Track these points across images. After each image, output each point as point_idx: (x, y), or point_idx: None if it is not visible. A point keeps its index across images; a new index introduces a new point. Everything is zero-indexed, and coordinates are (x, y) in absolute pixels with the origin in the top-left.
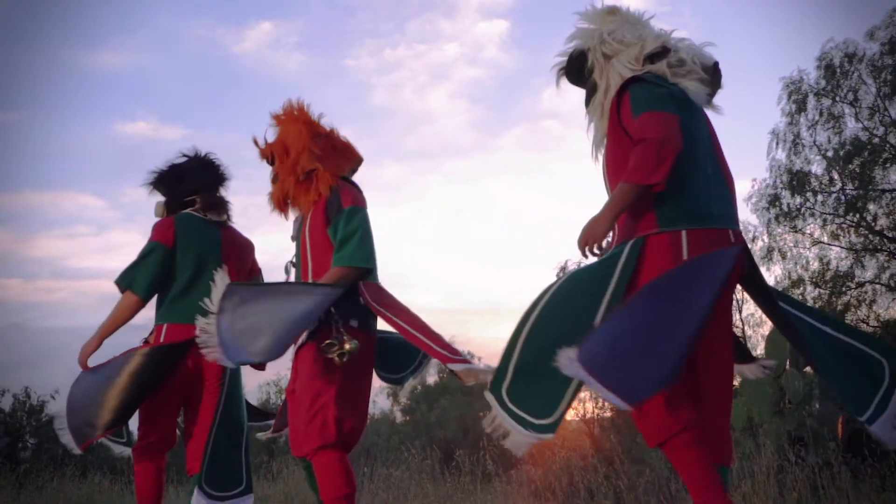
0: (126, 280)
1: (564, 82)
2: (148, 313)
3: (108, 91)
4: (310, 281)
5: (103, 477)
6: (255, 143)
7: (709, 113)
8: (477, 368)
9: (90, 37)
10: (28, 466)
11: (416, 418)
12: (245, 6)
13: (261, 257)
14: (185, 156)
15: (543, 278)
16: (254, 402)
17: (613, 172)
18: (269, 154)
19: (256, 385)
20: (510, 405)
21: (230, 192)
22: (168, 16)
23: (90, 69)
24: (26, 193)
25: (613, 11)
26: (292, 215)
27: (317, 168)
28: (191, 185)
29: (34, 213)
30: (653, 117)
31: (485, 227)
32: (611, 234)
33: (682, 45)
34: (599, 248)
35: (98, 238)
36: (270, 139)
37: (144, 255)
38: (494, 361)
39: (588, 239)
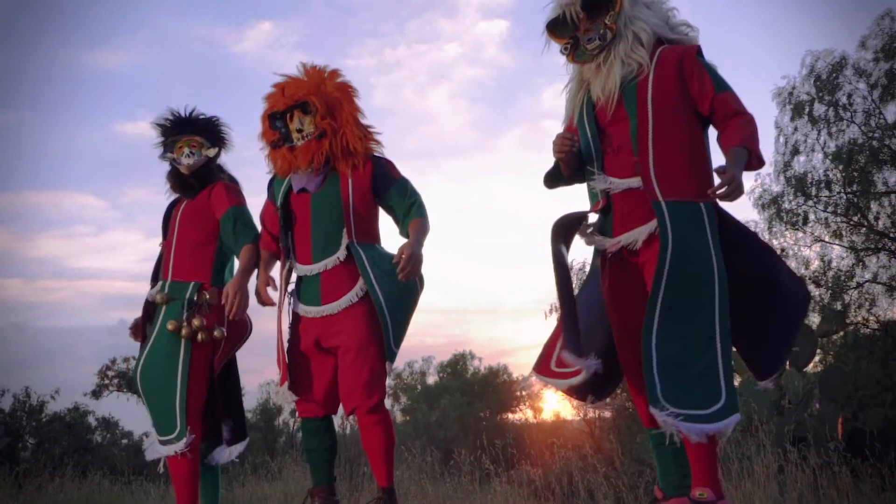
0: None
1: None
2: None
3: (108, 91)
4: (353, 238)
5: (103, 477)
6: (291, 82)
7: None
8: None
9: (90, 37)
10: (28, 466)
11: (416, 418)
12: (245, 6)
13: None
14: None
15: (544, 278)
16: (253, 402)
17: (664, 122)
18: (318, 105)
19: (257, 385)
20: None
21: None
22: (168, 16)
23: (90, 69)
24: (26, 193)
25: None
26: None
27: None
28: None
29: (34, 213)
30: (737, 98)
31: (485, 227)
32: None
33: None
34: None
35: (98, 238)
36: (307, 85)
37: (250, 217)
38: (494, 361)
39: (739, 191)
